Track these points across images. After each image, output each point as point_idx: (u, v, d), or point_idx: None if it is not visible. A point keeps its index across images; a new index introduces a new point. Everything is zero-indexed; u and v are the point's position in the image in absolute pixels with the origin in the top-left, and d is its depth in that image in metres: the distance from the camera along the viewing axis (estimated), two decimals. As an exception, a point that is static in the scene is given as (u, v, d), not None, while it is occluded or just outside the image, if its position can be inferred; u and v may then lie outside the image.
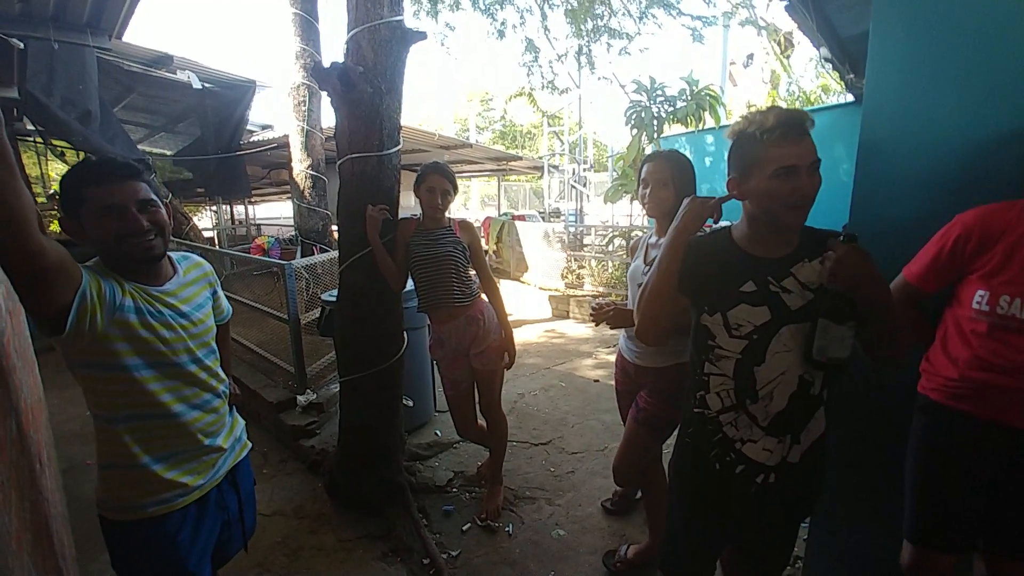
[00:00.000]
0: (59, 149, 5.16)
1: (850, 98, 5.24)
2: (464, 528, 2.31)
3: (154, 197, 1.13)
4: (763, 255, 1.12)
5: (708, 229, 1.35)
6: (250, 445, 1.45)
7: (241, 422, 1.43)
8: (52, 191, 7.31)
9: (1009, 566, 1.28)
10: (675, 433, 1.41)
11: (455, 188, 2.22)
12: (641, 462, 1.89)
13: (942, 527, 1.29)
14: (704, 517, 1.28)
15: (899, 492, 1.39)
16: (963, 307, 1.24)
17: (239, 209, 11.76)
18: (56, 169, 8.27)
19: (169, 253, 1.23)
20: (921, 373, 1.36)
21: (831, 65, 3.86)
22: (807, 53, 11.55)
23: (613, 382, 2.06)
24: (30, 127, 4.94)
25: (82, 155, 5.13)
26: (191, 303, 1.23)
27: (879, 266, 1.38)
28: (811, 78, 11.38)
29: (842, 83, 4.54)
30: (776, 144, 1.02)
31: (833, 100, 9.55)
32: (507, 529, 2.30)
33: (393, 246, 2.23)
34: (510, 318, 2.32)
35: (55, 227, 7.97)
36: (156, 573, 1.18)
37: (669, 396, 1.73)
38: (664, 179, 1.68)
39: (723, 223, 1.29)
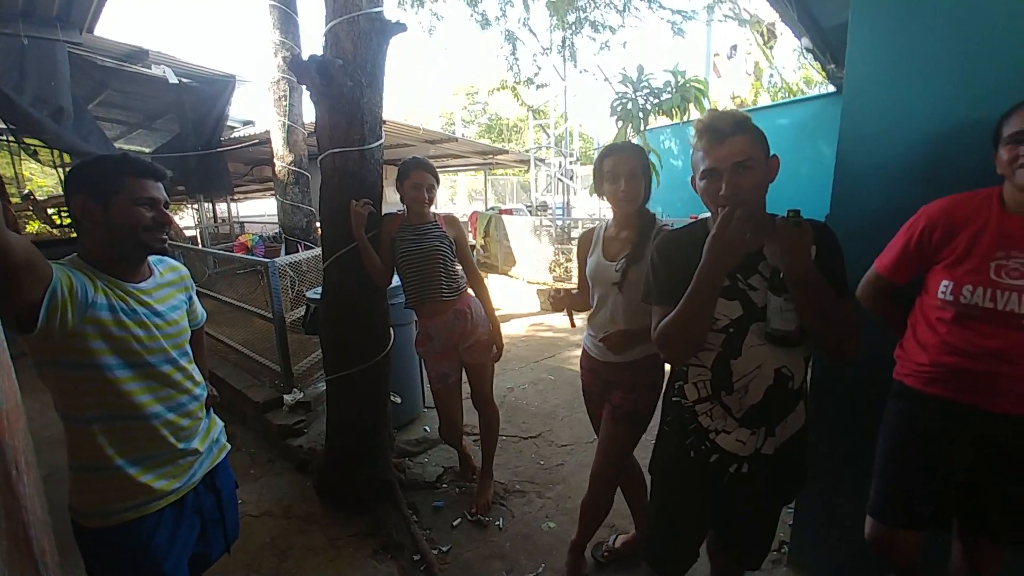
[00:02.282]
0: (32, 148, 5.01)
1: (832, 89, 5.27)
2: (454, 523, 2.32)
3: (167, 199, 1.21)
4: None
5: (692, 219, 1.36)
6: (229, 447, 1.42)
7: (219, 424, 1.40)
8: (27, 191, 7.12)
9: (982, 545, 1.32)
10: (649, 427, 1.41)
11: (437, 180, 2.21)
12: (623, 461, 1.85)
13: (903, 504, 1.32)
14: (681, 504, 1.31)
15: (879, 476, 1.41)
16: (930, 295, 1.27)
17: (222, 207, 11.54)
18: (30, 169, 8.05)
19: None
20: (896, 360, 1.39)
21: (813, 56, 3.88)
22: (790, 44, 11.63)
23: None
24: (1, 126, 4.79)
25: (57, 154, 5.00)
26: (166, 304, 1.22)
27: (861, 257, 1.39)
28: (794, 69, 11.46)
29: (824, 73, 4.58)
30: (701, 149, 1.09)
31: (815, 91, 9.62)
32: (497, 523, 2.31)
33: (378, 242, 2.21)
34: (498, 312, 2.32)
35: (32, 227, 7.77)
36: None
37: (644, 388, 1.72)
38: (634, 170, 1.62)
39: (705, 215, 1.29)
